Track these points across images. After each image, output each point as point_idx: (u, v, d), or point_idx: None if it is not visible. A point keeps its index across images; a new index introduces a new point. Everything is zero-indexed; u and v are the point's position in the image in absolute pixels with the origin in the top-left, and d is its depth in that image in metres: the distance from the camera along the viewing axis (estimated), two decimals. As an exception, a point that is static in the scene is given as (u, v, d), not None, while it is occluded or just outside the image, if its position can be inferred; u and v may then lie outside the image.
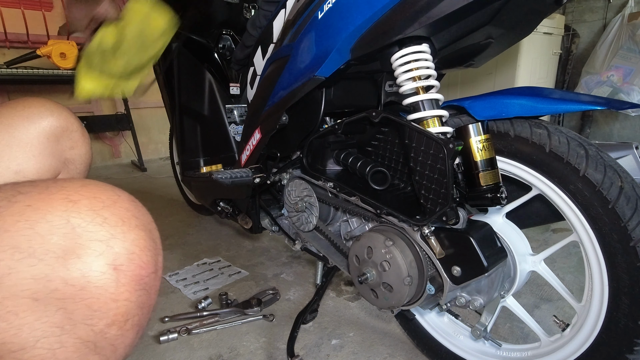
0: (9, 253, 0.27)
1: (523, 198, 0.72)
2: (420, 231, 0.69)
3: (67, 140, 0.61)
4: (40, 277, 0.28)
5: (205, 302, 1.14)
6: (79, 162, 0.63)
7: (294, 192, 0.99)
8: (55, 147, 0.59)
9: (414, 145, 0.66)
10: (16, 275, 0.27)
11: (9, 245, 0.27)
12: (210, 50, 1.43)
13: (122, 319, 0.31)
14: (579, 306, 0.68)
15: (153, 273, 0.33)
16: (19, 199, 0.29)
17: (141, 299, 0.32)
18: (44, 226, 0.28)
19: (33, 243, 0.28)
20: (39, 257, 0.28)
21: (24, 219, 0.28)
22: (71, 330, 0.29)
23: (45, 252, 0.28)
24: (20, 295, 0.27)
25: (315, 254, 1.03)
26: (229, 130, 1.42)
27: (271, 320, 1.08)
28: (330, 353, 0.95)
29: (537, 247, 1.44)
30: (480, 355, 0.81)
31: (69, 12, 0.72)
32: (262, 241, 1.64)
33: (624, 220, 0.57)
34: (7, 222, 0.28)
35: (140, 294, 0.32)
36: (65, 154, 0.61)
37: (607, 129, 2.92)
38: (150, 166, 3.26)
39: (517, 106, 0.66)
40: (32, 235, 0.28)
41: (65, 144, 0.61)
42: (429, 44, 0.67)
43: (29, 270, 0.27)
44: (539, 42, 2.55)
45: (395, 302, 0.73)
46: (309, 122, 0.88)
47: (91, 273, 0.29)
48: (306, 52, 0.79)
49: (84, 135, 0.63)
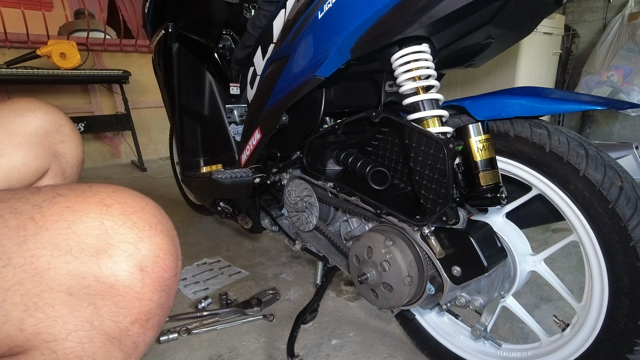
0: (49, 249, 0.29)
1: (523, 198, 0.72)
2: (420, 231, 0.69)
3: (57, 134, 0.62)
4: (75, 274, 0.29)
5: (205, 302, 1.14)
6: (70, 157, 0.64)
7: (294, 192, 0.99)
8: (43, 139, 0.60)
9: (414, 145, 0.66)
10: (54, 270, 0.29)
11: (49, 242, 0.29)
12: (210, 50, 1.43)
13: (145, 317, 0.33)
14: (579, 306, 0.68)
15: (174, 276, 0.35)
16: (58, 201, 0.31)
17: (162, 300, 0.34)
18: (80, 226, 0.31)
19: (70, 242, 0.30)
20: (74, 255, 0.30)
21: (62, 219, 0.30)
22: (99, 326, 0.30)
23: (81, 251, 0.30)
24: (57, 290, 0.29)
25: (315, 254, 1.03)
26: (229, 130, 1.42)
27: (271, 320, 1.08)
28: (330, 353, 0.95)
29: (537, 247, 1.44)
30: (480, 355, 0.81)
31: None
32: (262, 241, 1.64)
33: (624, 220, 0.57)
34: (48, 221, 0.30)
35: (161, 295, 0.34)
36: (55, 147, 0.62)
37: (607, 129, 2.92)
38: (150, 166, 3.26)
39: (517, 106, 0.66)
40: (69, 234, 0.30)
41: (55, 137, 0.62)
42: (429, 44, 0.67)
43: (65, 266, 0.29)
44: (539, 42, 2.55)
45: (395, 302, 0.73)
46: (309, 122, 0.88)
47: (120, 272, 0.31)
48: (306, 52, 0.79)
49: (73, 130, 0.65)
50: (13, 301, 0.28)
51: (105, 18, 3.50)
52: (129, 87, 3.10)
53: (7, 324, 0.28)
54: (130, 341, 0.32)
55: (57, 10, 3.51)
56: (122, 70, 2.88)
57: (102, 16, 3.49)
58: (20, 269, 0.28)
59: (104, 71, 2.85)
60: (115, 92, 3.27)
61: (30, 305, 0.28)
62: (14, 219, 0.30)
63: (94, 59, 3.16)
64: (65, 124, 0.63)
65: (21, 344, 0.29)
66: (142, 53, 3.41)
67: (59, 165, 0.63)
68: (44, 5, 3.16)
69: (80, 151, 0.66)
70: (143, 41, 3.32)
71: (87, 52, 3.00)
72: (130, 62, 3.35)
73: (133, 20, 3.79)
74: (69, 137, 0.64)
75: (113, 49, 3.24)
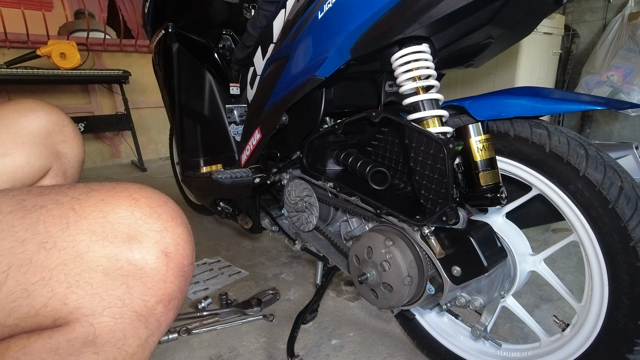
0: (88, 235, 0.33)
1: (523, 198, 0.72)
2: (420, 231, 0.69)
3: (59, 134, 0.63)
4: (110, 256, 0.34)
5: (205, 302, 1.14)
6: (71, 157, 0.65)
7: (294, 192, 0.99)
8: (46, 139, 0.61)
9: (414, 145, 0.66)
10: (93, 253, 0.33)
11: (88, 229, 0.34)
12: (210, 50, 1.43)
13: (168, 298, 0.37)
14: (579, 306, 0.68)
15: (190, 264, 0.39)
16: (93, 195, 0.36)
17: (182, 284, 0.38)
18: (114, 216, 0.35)
19: (105, 229, 0.34)
20: (110, 240, 0.34)
21: (98, 209, 0.35)
22: (129, 304, 0.34)
23: (115, 237, 0.34)
24: (95, 270, 0.33)
25: (315, 254, 1.03)
26: (229, 130, 1.42)
27: (271, 320, 1.08)
28: (330, 353, 0.95)
29: (537, 247, 1.44)
30: (480, 355, 0.81)
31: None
32: (262, 241, 1.64)
33: (624, 220, 0.57)
34: (86, 211, 0.34)
35: (181, 279, 0.38)
36: (57, 146, 0.63)
37: (607, 129, 2.92)
38: (150, 166, 3.26)
39: (517, 106, 0.66)
40: (104, 222, 0.34)
41: (57, 137, 0.63)
42: (429, 44, 0.67)
43: (102, 250, 0.33)
44: (539, 42, 2.55)
45: (395, 302, 0.73)
46: (309, 122, 0.88)
47: (149, 256, 0.35)
48: (306, 52, 0.79)
49: (75, 130, 0.66)
50: (58, 279, 0.32)
51: (105, 18, 3.50)
52: (129, 87, 3.10)
53: (53, 298, 0.32)
54: (154, 319, 0.36)
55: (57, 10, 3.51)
56: (122, 70, 2.88)
57: (102, 16, 3.49)
58: (64, 251, 0.32)
59: (104, 71, 2.85)
60: (115, 92, 3.26)
61: (73, 283, 0.32)
62: (56, 209, 0.34)
63: (94, 59, 3.16)
64: (67, 124, 0.64)
65: (64, 317, 0.32)
66: (142, 53, 3.41)
67: (60, 165, 0.64)
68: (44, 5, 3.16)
69: (81, 151, 0.67)
70: (143, 41, 3.32)
71: (87, 52, 3.00)
72: (130, 62, 3.35)
73: (133, 20, 3.79)
74: (70, 137, 0.65)
75: (113, 49, 3.24)
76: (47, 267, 0.32)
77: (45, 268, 0.32)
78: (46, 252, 0.32)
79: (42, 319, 0.32)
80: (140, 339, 0.36)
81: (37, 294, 0.31)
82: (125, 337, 0.34)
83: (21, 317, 0.31)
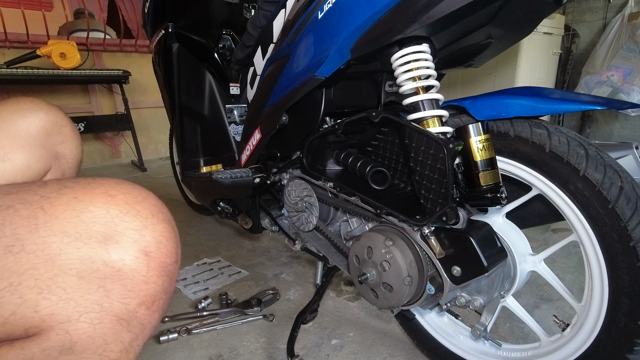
0: (60, 236, 0.31)
1: (523, 198, 0.72)
2: (420, 231, 0.69)
3: (58, 134, 0.62)
4: (85, 259, 0.32)
5: (205, 302, 1.14)
6: (70, 157, 0.64)
7: (294, 192, 0.99)
8: (45, 141, 0.60)
9: (414, 145, 0.66)
10: (65, 255, 0.31)
11: (59, 230, 0.31)
12: (210, 50, 1.43)
13: (150, 300, 0.35)
14: (579, 306, 0.68)
15: (175, 262, 0.37)
16: (65, 192, 0.33)
17: (165, 284, 0.36)
18: (88, 215, 0.32)
19: (79, 229, 0.32)
20: (84, 241, 0.32)
21: (70, 208, 0.32)
22: (109, 308, 0.32)
23: (89, 237, 0.32)
24: (68, 273, 0.31)
25: (315, 254, 1.03)
26: (229, 130, 1.42)
27: (271, 320, 1.08)
28: (330, 353, 0.95)
29: (537, 247, 1.44)
30: (480, 355, 0.81)
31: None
32: (262, 241, 1.64)
33: (624, 220, 0.57)
34: (57, 211, 0.32)
35: (165, 279, 0.36)
36: (56, 147, 0.62)
37: (607, 129, 2.92)
38: (150, 166, 3.26)
39: (517, 106, 0.66)
40: (78, 222, 0.32)
41: (56, 138, 0.62)
42: (429, 44, 0.67)
43: (75, 252, 0.31)
44: (539, 42, 2.54)
45: (395, 302, 0.73)
46: (309, 122, 0.88)
47: (127, 257, 0.33)
48: (306, 52, 0.79)
49: (74, 130, 0.65)
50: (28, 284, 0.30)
51: (105, 18, 3.50)
52: (129, 87, 3.10)
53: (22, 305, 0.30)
54: (137, 322, 0.34)
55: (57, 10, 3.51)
56: (122, 70, 2.88)
57: (102, 16, 3.49)
58: (34, 255, 0.30)
59: (104, 71, 2.85)
60: (115, 92, 3.26)
61: (44, 288, 0.30)
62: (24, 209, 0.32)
63: (94, 59, 3.16)
64: (66, 125, 0.64)
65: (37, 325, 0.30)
66: (142, 53, 3.41)
67: (59, 166, 0.63)
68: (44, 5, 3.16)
69: (79, 151, 0.67)
70: (143, 41, 3.31)
71: (87, 52, 3.00)
72: (130, 62, 3.35)
73: (133, 20, 3.79)
74: (69, 138, 0.64)
75: (113, 49, 3.24)
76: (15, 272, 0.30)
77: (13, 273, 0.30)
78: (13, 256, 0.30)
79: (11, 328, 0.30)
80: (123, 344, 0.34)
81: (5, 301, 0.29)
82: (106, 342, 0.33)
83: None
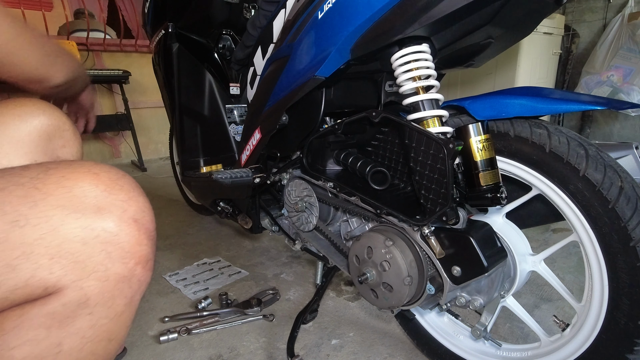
0: (59, 210, 0.35)
1: (523, 198, 0.72)
2: (420, 231, 0.69)
3: (59, 138, 0.62)
4: (85, 226, 0.36)
5: (205, 302, 1.14)
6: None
7: (294, 192, 0.99)
8: (47, 146, 0.60)
9: (414, 145, 0.66)
10: (68, 225, 0.35)
11: (57, 204, 0.35)
12: (210, 50, 1.43)
13: (144, 260, 0.40)
14: (579, 306, 0.68)
15: (154, 230, 0.42)
16: (52, 173, 0.37)
17: (152, 247, 0.41)
18: (79, 190, 0.36)
19: (73, 202, 0.36)
20: (81, 212, 0.36)
21: (61, 185, 0.36)
22: (112, 268, 0.37)
23: (85, 209, 0.36)
24: (73, 240, 0.35)
25: (315, 254, 1.03)
26: (229, 130, 1.42)
27: (271, 320, 1.08)
28: (330, 353, 0.95)
29: (537, 247, 1.44)
30: (480, 355, 0.81)
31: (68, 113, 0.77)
32: (262, 241, 1.64)
33: (624, 220, 0.57)
34: (50, 189, 0.36)
35: (151, 243, 0.41)
36: (57, 152, 0.62)
37: (607, 129, 2.92)
38: (150, 166, 3.26)
39: (517, 106, 0.66)
40: (71, 197, 0.36)
41: (57, 142, 0.62)
42: (429, 44, 0.67)
43: (75, 222, 0.35)
44: (539, 42, 2.54)
45: (395, 302, 0.73)
46: (309, 122, 0.88)
47: (121, 223, 0.38)
48: (306, 52, 0.79)
49: (75, 134, 0.66)
50: (39, 252, 0.34)
51: (105, 18, 3.50)
52: (129, 87, 3.10)
53: (38, 269, 0.34)
54: (136, 280, 0.40)
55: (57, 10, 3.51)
56: (122, 70, 2.88)
57: (102, 16, 3.49)
58: (39, 227, 0.34)
59: (104, 71, 2.85)
60: (115, 92, 3.26)
61: (54, 254, 0.34)
62: (18, 189, 0.35)
63: (94, 59, 3.16)
64: (67, 128, 0.63)
65: (54, 284, 0.35)
66: (142, 53, 3.41)
67: None
68: (44, 5, 3.15)
69: (80, 155, 0.67)
70: (143, 41, 3.31)
71: (87, 52, 3.00)
72: (130, 62, 3.35)
73: (133, 20, 3.79)
74: (70, 142, 0.64)
75: (113, 49, 3.24)
76: (25, 243, 0.33)
77: (23, 243, 0.33)
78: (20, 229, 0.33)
79: (32, 289, 0.34)
80: (127, 298, 0.39)
81: (22, 267, 0.33)
82: (113, 297, 0.38)
83: (10, 289, 0.33)
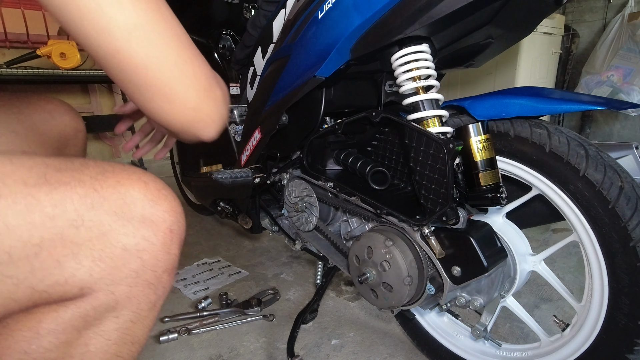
0: (111, 216, 0.37)
1: (523, 198, 0.72)
2: (420, 231, 0.69)
3: (74, 139, 0.65)
4: (129, 234, 0.38)
5: (205, 302, 1.14)
6: None
7: (294, 192, 0.99)
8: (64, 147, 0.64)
9: (414, 145, 0.66)
10: (115, 231, 0.37)
11: (110, 210, 0.37)
12: (210, 50, 1.43)
13: (171, 267, 0.42)
14: (579, 306, 0.68)
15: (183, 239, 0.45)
16: (108, 176, 0.39)
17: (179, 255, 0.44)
18: (130, 199, 0.39)
19: (125, 210, 0.38)
20: (128, 220, 0.38)
21: (117, 191, 0.38)
22: (143, 275, 0.39)
23: (132, 217, 0.38)
24: (115, 246, 0.37)
25: (315, 254, 1.03)
26: (229, 130, 1.42)
27: (271, 320, 1.08)
28: (330, 353, 0.95)
29: (537, 247, 1.44)
30: (480, 355, 0.81)
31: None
32: (262, 241, 1.64)
33: (624, 220, 0.57)
34: (107, 193, 0.38)
35: (179, 252, 0.44)
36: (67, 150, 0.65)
37: (607, 129, 2.92)
38: (150, 166, 3.26)
39: (517, 106, 0.66)
40: (123, 204, 0.38)
41: (72, 142, 0.65)
42: (429, 44, 0.67)
43: (122, 228, 0.38)
44: (539, 42, 2.54)
45: (395, 302, 0.73)
46: (309, 122, 0.88)
47: (159, 233, 0.40)
48: (306, 52, 0.79)
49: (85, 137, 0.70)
50: (85, 254, 0.36)
51: (105, 18, 3.50)
52: (129, 87, 3.10)
53: (80, 270, 0.36)
54: (161, 286, 0.42)
55: (57, 10, 3.49)
56: (122, 70, 2.88)
57: (102, 16, 3.49)
58: (90, 230, 0.36)
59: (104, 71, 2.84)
60: (115, 92, 3.26)
61: (97, 257, 0.37)
62: (79, 187, 0.37)
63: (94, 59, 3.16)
64: (82, 129, 0.67)
65: (90, 286, 0.37)
66: (142, 53, 3.41)
67: None
68: (44, 5, 3.15)
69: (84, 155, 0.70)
70: (143, 41, 3.31)
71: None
72: (130, 62, 3.35)
73: (133, 20, 3.79)
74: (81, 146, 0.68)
75: (113, 49, 3.24)
76: (75, 243, 0.36)
77: (74, 243, 0.36)
78: (75, 229, 0.36)
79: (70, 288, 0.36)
80: (151, 303, 0.42)
81: (67, 265, 0.35)
82: (139, 302, 0.40)
83: (51, 284, 0.35)
